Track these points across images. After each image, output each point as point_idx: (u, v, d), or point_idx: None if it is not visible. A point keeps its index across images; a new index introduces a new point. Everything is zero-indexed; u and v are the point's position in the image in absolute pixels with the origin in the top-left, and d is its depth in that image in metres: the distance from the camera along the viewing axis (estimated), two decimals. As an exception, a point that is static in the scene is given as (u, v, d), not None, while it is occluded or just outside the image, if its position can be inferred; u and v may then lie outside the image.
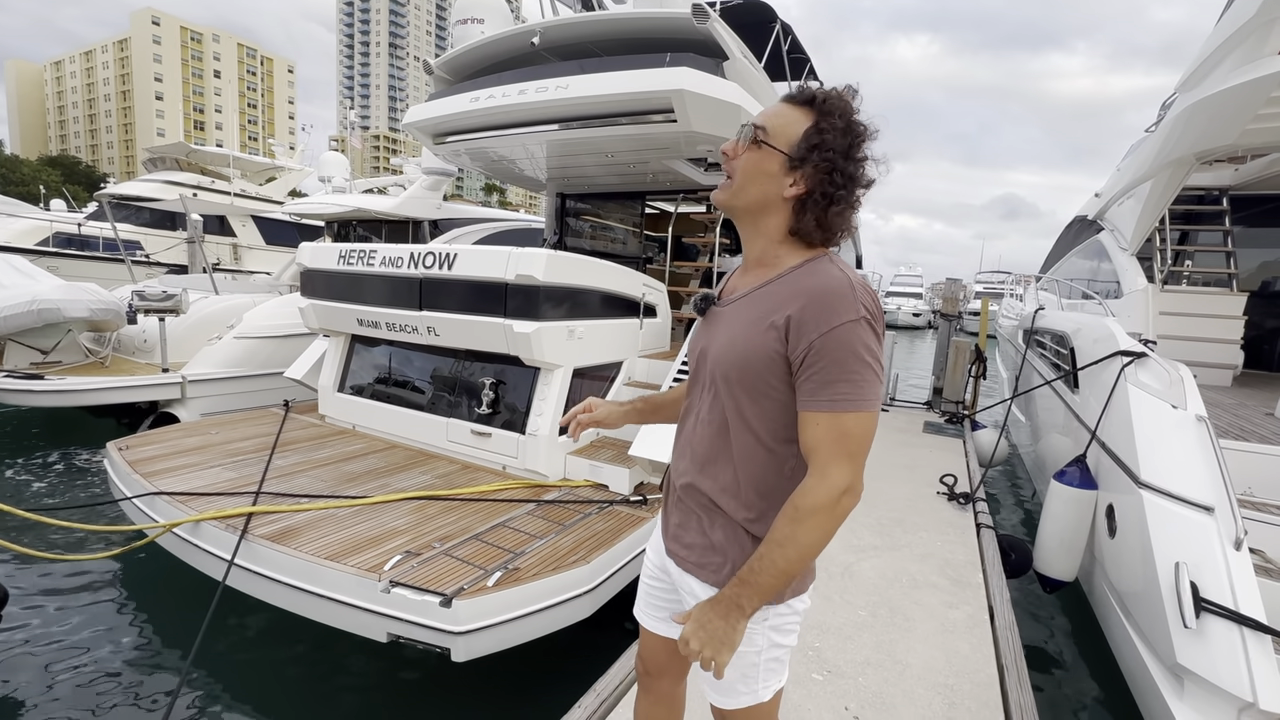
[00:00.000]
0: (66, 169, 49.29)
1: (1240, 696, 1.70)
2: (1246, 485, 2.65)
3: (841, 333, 0.86)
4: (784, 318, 0.89)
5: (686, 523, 1.07)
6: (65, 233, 11.89)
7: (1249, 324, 4.70)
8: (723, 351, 0.97)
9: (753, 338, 0.93)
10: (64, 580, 3.18)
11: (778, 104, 0.96)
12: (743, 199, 0.97)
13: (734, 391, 0.96)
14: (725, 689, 1.04)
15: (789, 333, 0.89)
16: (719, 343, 0.99)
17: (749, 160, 0.95)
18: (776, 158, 0.93)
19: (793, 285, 0.92)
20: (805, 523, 0.87)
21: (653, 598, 1.20)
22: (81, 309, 5.11)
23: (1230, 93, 3.43)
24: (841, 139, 0.91)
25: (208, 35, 78.92)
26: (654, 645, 1.23)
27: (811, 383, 0.88)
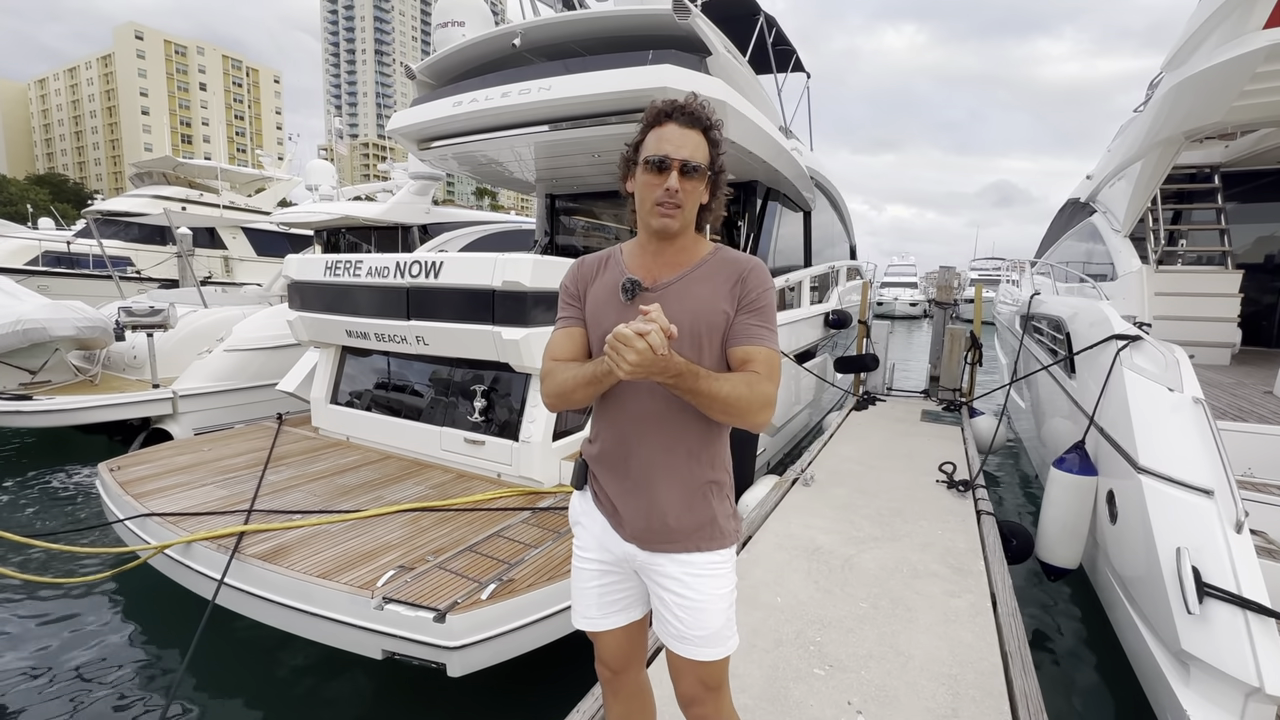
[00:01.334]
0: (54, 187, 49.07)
1: (1246, 682, 1.68)
2: (1247, 466, 2.64)
3: (770, 294, 1.16)
4: (734, 283, 1.15)
5: (658, 504, 1.15)
6: (54, 251, 11.81)
7: (1245, 301, 4.68)
8: (695, 316, 1.12)
9: (716, 306, 1.13)
10: (57, 603, 3.15)
11: (680, 132, 1.10)
12: (688, 219, 1.16)
13: (709, 347, 1.13)
14: (714, 639, 1.15)
15: (740, 293, 1.14)
16: (685, 312, 1.12)
17: (692, 191, 1.12)
18: (704, 179, 1.14)
19: (728, 265, 1.17)
20: (751, 391, 1.06)
21: (607, 594, 1.26)
22: (68, 327, 5.06)
23: (1216, 70, 3.40)
24: (718, 144, 1.15)
25: (192, 48, 78.56)
26: (613, 642, 1.29)
27: (750, 326, 1.12)
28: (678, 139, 1.09)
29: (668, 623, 1.18)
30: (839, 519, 3.27)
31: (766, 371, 1.10)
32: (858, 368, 6.70)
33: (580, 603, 1.28)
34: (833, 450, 4.64)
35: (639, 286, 1.16)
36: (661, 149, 1.09)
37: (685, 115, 1.10)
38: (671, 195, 1.09)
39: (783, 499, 3.56)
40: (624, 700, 1.35)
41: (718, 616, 1.15)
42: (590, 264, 1.26)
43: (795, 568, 2.71)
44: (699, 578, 1.15)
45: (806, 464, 4.16)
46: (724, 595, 1.16)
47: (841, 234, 8.77)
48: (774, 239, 5.59)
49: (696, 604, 1.14)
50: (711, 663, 1.17)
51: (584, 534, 1.27)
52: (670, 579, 1.16)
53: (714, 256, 1.19)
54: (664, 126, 1.11)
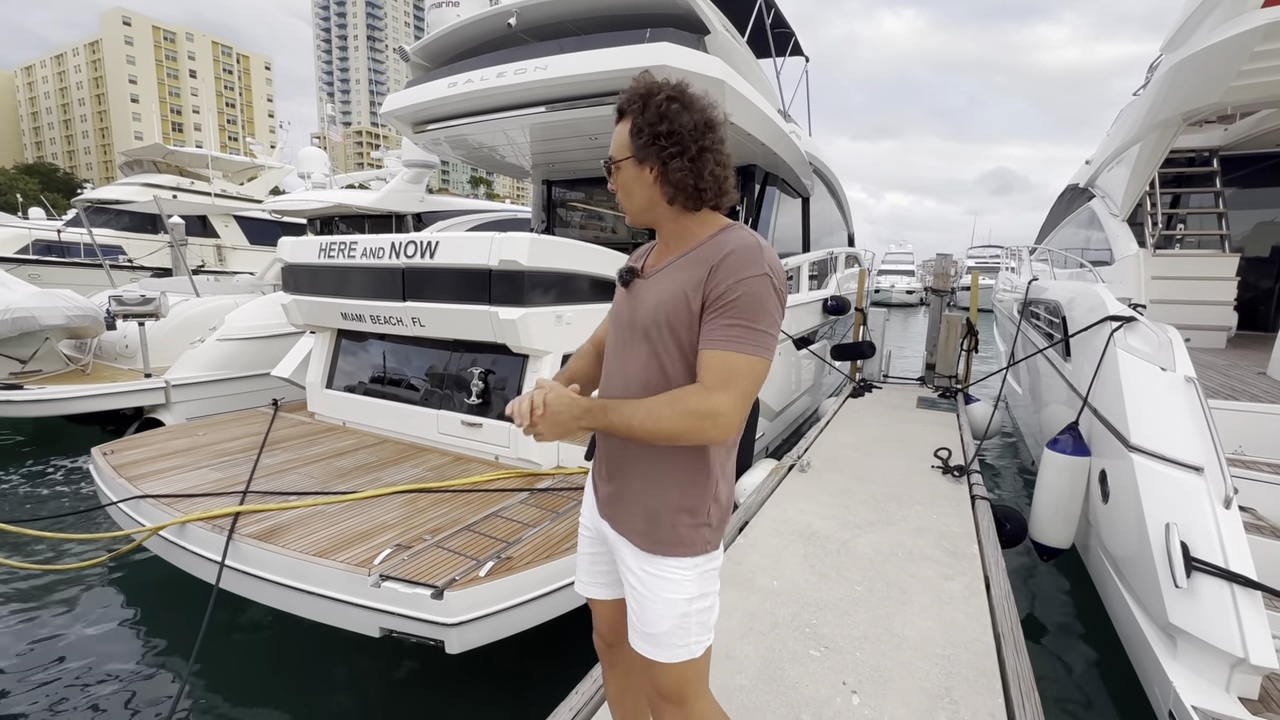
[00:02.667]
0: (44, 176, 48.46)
1: (1231, 653, 1.71)
2: (1237, 444, 2.66)
3: (752, 284, 0.97)
4: (706, 269, 1.00)
5: (620, 485, 1.14)
6: (45, 240, 11.70)
7: (1242, 285, 4.70)
8: (655, 308, 1.05)
9: (678, 298, 1.03)
10: (52, 589, 3.15)
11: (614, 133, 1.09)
12: (636, 208, 1.10)
13: (667, 344, 1.04)
14: (657, 641, 1.09)
15: (710, 281, 0.99)
16: (648, 304, 1.07)
17: (620, 183, 1.09)
18: (628, 166, 1.06)
19: (713, 248, 1.03)
20: (674, 410, 0.96)
21: (595, 564, 1.26)
22: (58, 316, 5.01)
23: (1213, 50, 3.38)
24: (645, 115, 1.03)
25: (181, 34, 77.20)
26: (607, 613, 1.30)
27: (714, 324, 0.98)
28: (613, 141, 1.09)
29: (629, 609, 1.14)
30: (835, 504, 3.30)
31: (715, 380, 0.95)
32: (854, 355, 6.71)
33: (577, 567, 1.31)
34: (829, 436, 4.66)
35: (633, 274, 1.15)
36: None
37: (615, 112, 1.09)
38: (616, 193, 1.11)
39: (779, 485, 3.58)
40: (620, 675, 1.36)
41: (663, 621, 1.07)
42: (640, 251, 1.25)
43: (792, 552, 2.73)
44: (651, 576, 1.09)
45: (803, 450, 4.18)
46: (673, 602, 1.07)
47: (840, 222, 8.74)
48: (772, 225, 5.57)
49: (644, 599, 1.09)
50: (661, 666, 1.10)
51: (586, 500, 1.29)
52: (626, 565, 1.13)
53: (709, 240, 1.06)
54: None
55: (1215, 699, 1.72)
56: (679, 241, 1.10)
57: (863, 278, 7.58)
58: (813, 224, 6.82)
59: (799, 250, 6.48)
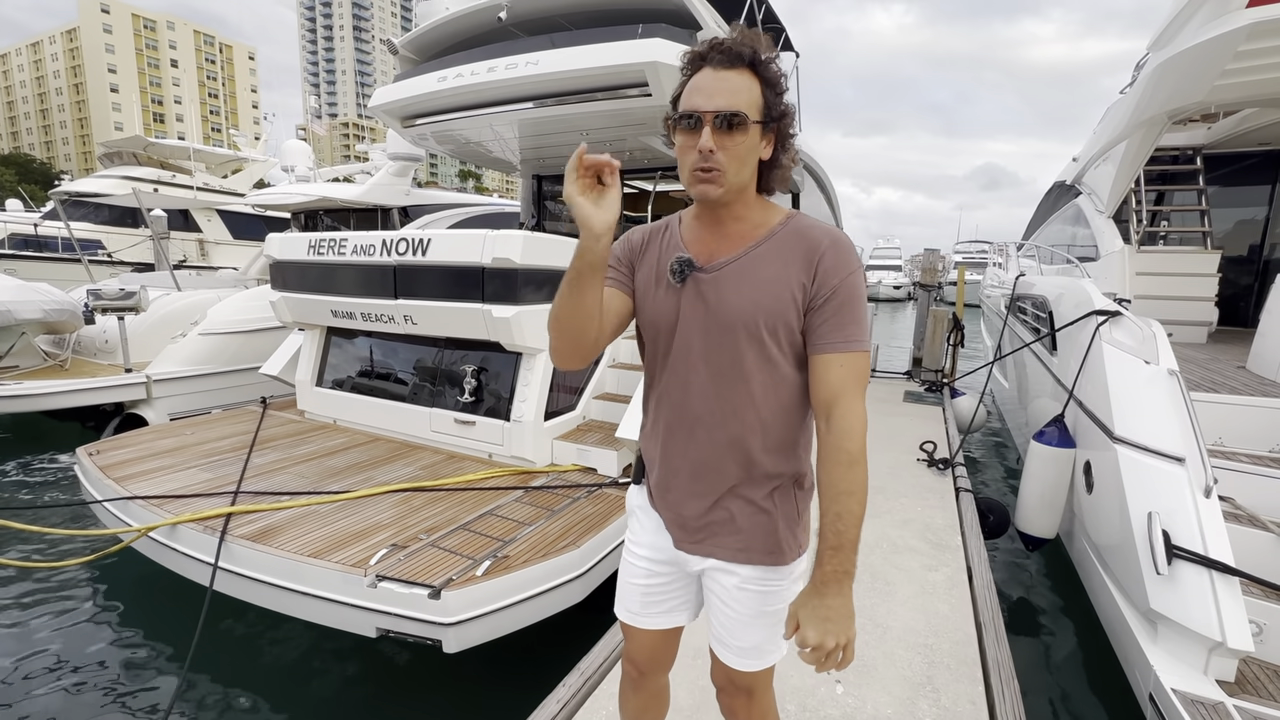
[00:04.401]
0: (20, 167, 47.16)
1: (1210, 637, 1.76)
2: (1218, 436, 2.73)
3: (855, 279, 0.94)
4: (810, 263, 0.94)
5: (716, 507, 1.03)
6: (21, 234, 11.43)
7: (1223, 281, 4.79)
8: (754, 304, 0.95)
9: (782, 291, 0.95)
10: (39, 590, 3.11)
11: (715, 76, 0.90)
12: (739, 181, 0.95)
13: (776, 341, 0.96)
14: (753, 653, 1.07)
15: (815, 278, 0.94)
16: (739, 300, 0.96)
17: (736, 147, 0.91)
18: (755, 130, 0.92)
19: (802, 238, 0.96)
20: (860, 464, 0.92)
21: (653, 595, 1.15)
22: (34, 310, 4.92)
23: (1198, 49, 3.43)
24: (775, 80, 0.93)
25: (162, 22, 75.32)
26: (649, 642, 1.20)
27: (829, 325, 0.93)
28: (711, 85, 0.89)
29: (713, 624, 1.11)
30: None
31: (855, 386, 0.93)
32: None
33: (624, 595, 1.19)
34: (819, 429, 4.70)
35: (690, 266, 0.99)
36: (691, 102, 0.90)
37: (723, 54, 0.89)
38: (706, 158, 0.89)
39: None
40: (644, 697, 1.29)
41: (760, 633, 1.05)
42: (640, 235, 1.09)
43: None
44: (747, 592, 1.04)
45: (793, 443, 4.21)
46: (773, 613, 1.04)
47: (829, 217, 8.78)
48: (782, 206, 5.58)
49: (741, 619, 1.05)
50: (744, 673, 1.10)
51: (638, 527, 1.17)
52: (720, 586, 1.07)
53: (785, 227, 0.98)
54: (699, 73, 0.91)
55: (1194, 682, 1.77)
56: (745, 228, 0.99)
57: (854, 272, 7.62)
58: (803, 219, 6.83)
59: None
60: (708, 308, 0.98)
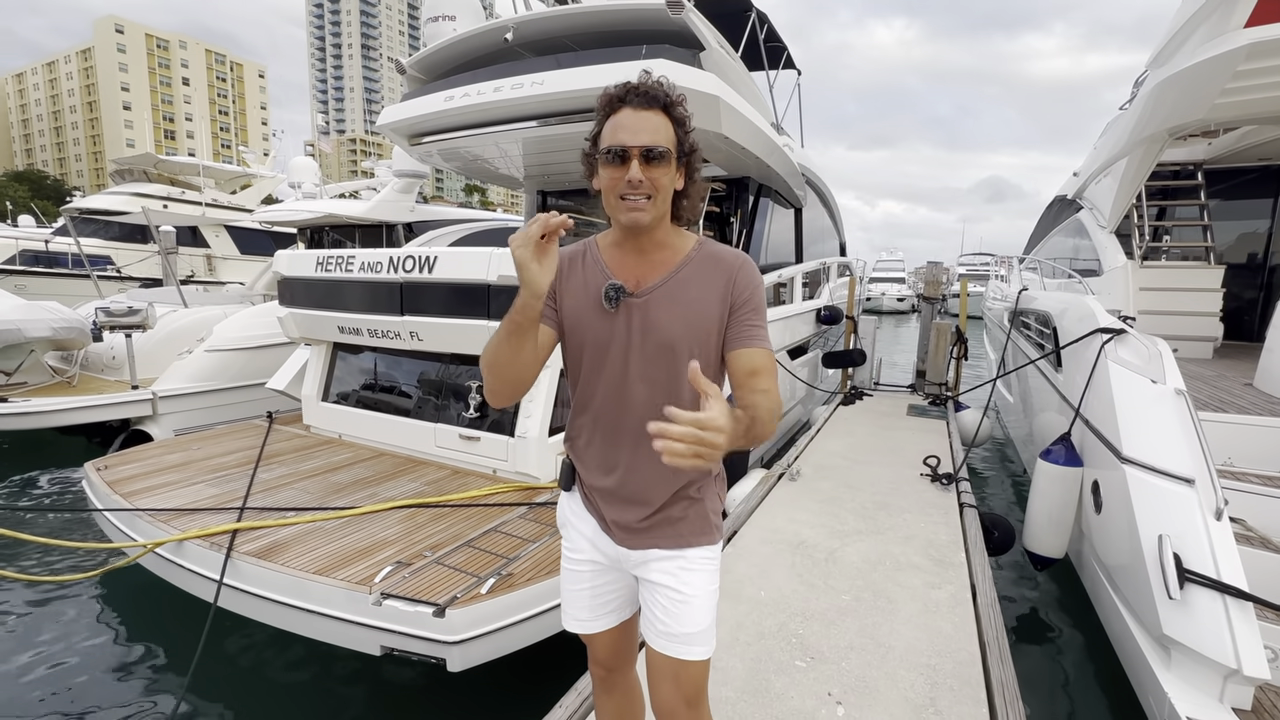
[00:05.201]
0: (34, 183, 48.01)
1: (1225, 664, 1.73)
2: (1226, 456, 2.71)
3: (761, 290, 1.11)
4: (727, 281, 1.08)
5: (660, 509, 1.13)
6: (32, 250, 11.59)
7: (1228, 296, 4.79)
8: (686, 321, 1.07)
9: (707, 309, 1.07)
10: (43, 602, 3.11)
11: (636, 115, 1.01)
12: (658, 212, 1.05)
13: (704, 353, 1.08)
14: (693, 639, 1.12)
15: (733, 292, 1.08)
16: (670, 319, 1.07)
17: (661, 178, 1.02)
18: (673, 163, 1.04)
19: (717, 261, 1.10)
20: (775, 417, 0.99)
21: (601, 596, 1.23)
22: (43, 328, 4.98)
23: (1198, 68, 3.46)
24: (683, 119, 1.05)
25: (174, 42, 77.01)
26: (608, 641, 1.27)
27: (746, 326, 1.07)
28: (634, 123, 0.99)
29: (656, 619, 1.15)
30: (824, 513, 3.31)
31: (773, 378, 1.05)
32: (845, 363, 6.77)
33: (571, 605, 1.25)
34: (819, 445, 4.69)
35: (623, 292, 1.08)
36: (617, 138, 0.99)
37: (640, 96, 1.00)
38: (635, 187, 1.00)
39: (768, 494, 3.60)
40: (617, 697, 1.35)
41: (704, 614, 1.13)
42: (564, 261, 1.14)
43: (779, 562, 2.74)
44: (690, 572, 1.13)
45: (793, 459, 4.20)
46: (711, 592, 1.15)
47: (831, 230, 8.82)
48: (766, 235, 5.62)
49: (686, 598, 1.12)
50: (692, 664, 1.13)
51: (575, 535, 1.23)
52: (663, 573, 1.14)
53: (699, 252, 1.11)
54: (618, 113, 1.02)
55: (1209, 710, 1.74)
56: (664, 253, 1.10)
57: (853, 286, 7.65)
58: (805, 233, 6.88)
59: (792, 259, 6.54)
60: (643, 330, 1.08)
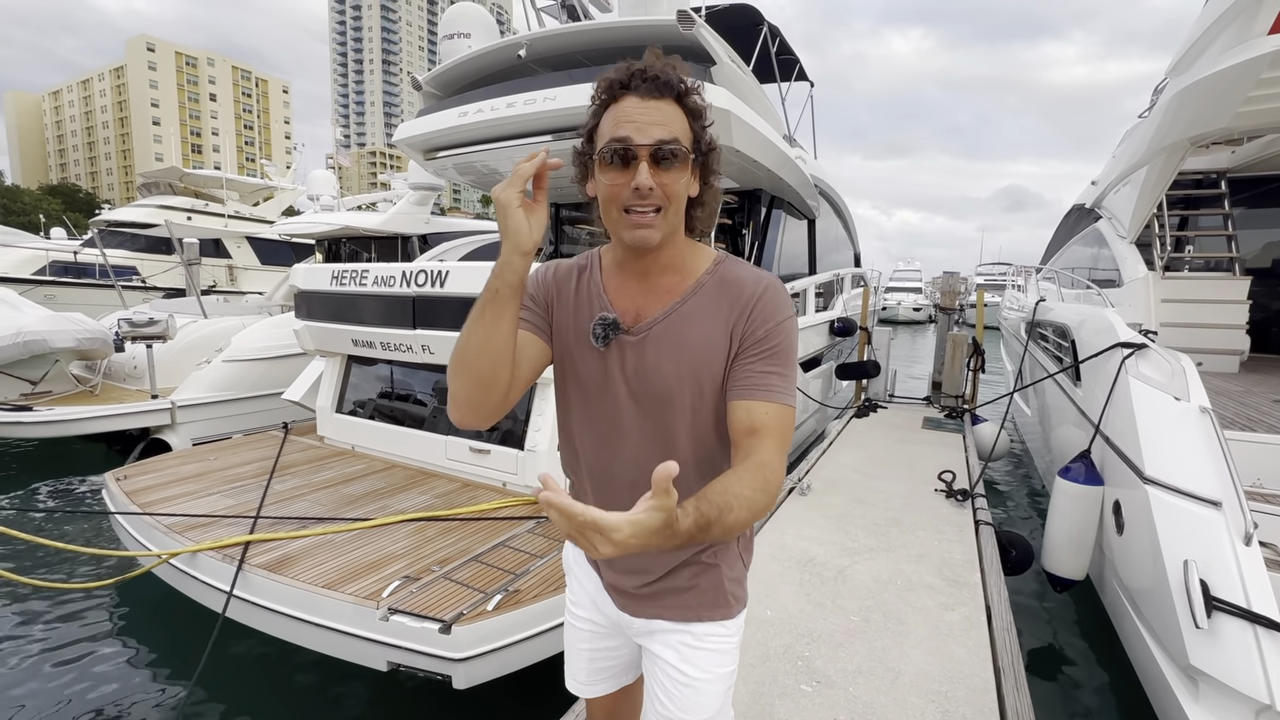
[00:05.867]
0: (66, 197, 49.75)
1: (1256, 699, 1.66)
2: (1256, 477, 2.61)
3: (787, 327, 0.87)
4: (737, 316, 0.87)
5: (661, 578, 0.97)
6: (61, 261, 11.99)
7: (1254, 307, 4.64)
8: (681, 366, 0.88)
9: (713, 352, 0.88)
10: (59, 609, 3.17)
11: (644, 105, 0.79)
12: (675, 223, 0.86)
13: (702, 403, 0.89)
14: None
15: (746, 324, 0.86)
16: (666, 363, 0.88)
17: (675, 183, 0.81)
18: (689, 164, 0.83)
19: (730, 288, 0.89)
20: (769, 493, 0.76)
21: (600, 660, 1.09)
22: (68, 339, 5.13)
23: (1220, 75, 3.38)
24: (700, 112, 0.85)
25: (203, 59, 79.68)
26: (606, 705, 1.14)
27: (753, 373, 0.85)
28: (641, 115, 0.79)
29: (656, 699, 0.99)
30: (834, 529, 3.25)
31: (778, 443, 0.82)
32: (859, 374, 6.69)
33: (572, 663, 1.12)
34: (831, 458, 4.62)
35: (615, 329, 0.90)
36: (620, 132, 0.79)
37: (649, 82, 0.79)
38: (644, 195, 0.79)
39: (778, 508, 3.54)
40: None
41: (712, 700, 0.96)
42: (561, 275, 0.97)
43: (787, 579, 2.69)
44: (698, 651, 0.96)
45: (804, 472, 4.14)
46: (724, 675, 0.98)
47: (845, 240, 8.77)
48: (779, 247, 5.61)
49: (691, 681, 0.96)
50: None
51: (577, 587, 1.10)
52: (667, 647, 0.98)
53: (714, 275, 0.90)
54: (620, 102, 0.81)
55: (1240, 746, 1.67)
56: (671, 277, 0.91)
57: (867, 296, 7.58)
58: (819, 244, 6.85)
59: (805, 270, 6.51)
60: (637, 375, 0.90)
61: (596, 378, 0.93)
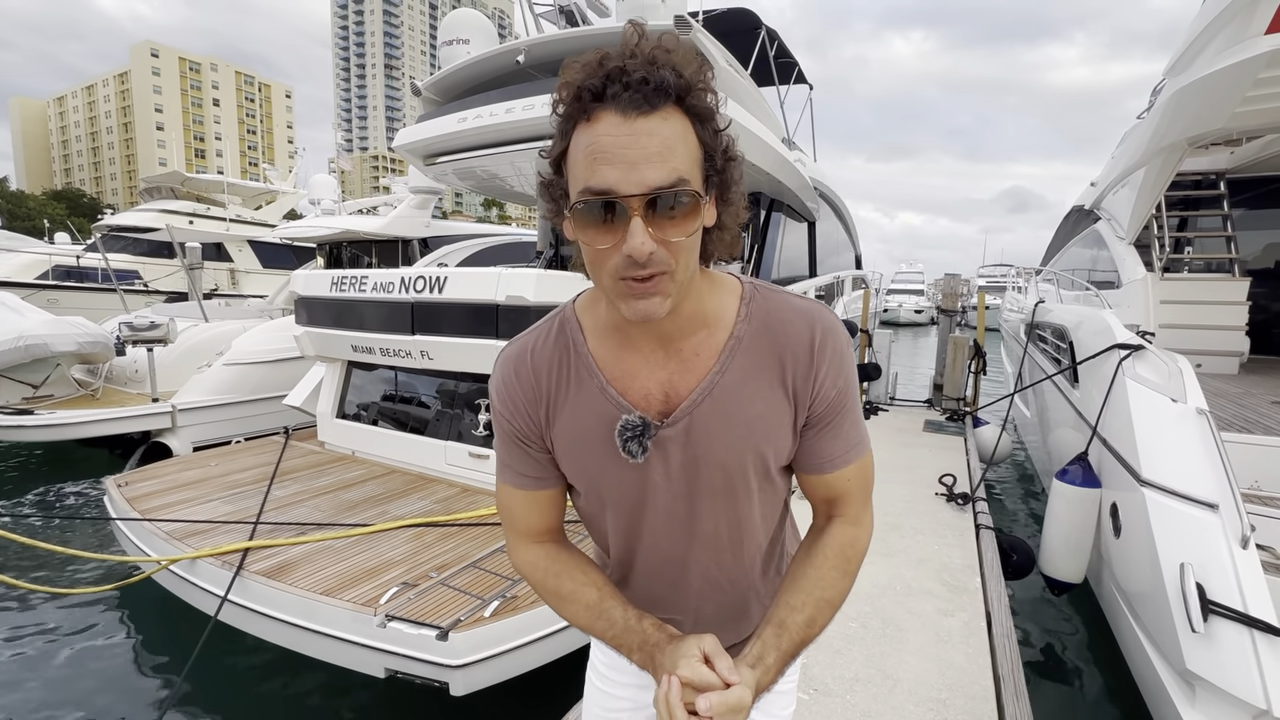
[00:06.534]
0: (71, 202, 50.00)
1: (1253, 704, 1.65)
2: (1253, 479, 2.60)
3: (850, 364, 0.73)
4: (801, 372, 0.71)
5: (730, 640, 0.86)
6: (64, 265, 12.06)
7: (1254, 308, 4.63)
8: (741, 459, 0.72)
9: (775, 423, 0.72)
10: (59, 614, 3.19)
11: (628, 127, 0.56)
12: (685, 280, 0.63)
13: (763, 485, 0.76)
14: None
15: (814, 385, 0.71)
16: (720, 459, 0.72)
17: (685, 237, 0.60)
18: (699, 206, 0.60)
19: (776, 336, 0.71)
20: (853, 577, 0.76)
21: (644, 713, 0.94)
22: (69, 343, 5.16)
23: (1217, 76, 3.38)
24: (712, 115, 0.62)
25: (206, 65, 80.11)
26: None
27: (829, 442, 0.74)
28: (626, 146, 0.56)
29: None
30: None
31: (863, 497, 0.76)
32: (860, 377, 6.67)
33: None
34: (836, 461, 4.60)
35: (650, 430, 0.71)
36: (597, 180, 0.57)
37: (633, 90, 0.55)
38: (644, 263, 0.58)
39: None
40: None
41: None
42: (534, 368, 0.74)
43: None
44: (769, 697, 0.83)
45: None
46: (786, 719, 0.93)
47: (846, 243, 8.78)
48: (778, 250, 5.62)
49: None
50: None
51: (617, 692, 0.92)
52: None
53: (749, 324, 0.71)
54: (595, 122, 0.57)
55: (1237, 751, 1.66)
56: (695, 337, 0.71)
57: (867, 298, 7.58)
58: (819, 247, 6.86)
59: (805, 274, 6.51)
60: (686, 472, 0.73)
61: (633, 493, 0.75)
